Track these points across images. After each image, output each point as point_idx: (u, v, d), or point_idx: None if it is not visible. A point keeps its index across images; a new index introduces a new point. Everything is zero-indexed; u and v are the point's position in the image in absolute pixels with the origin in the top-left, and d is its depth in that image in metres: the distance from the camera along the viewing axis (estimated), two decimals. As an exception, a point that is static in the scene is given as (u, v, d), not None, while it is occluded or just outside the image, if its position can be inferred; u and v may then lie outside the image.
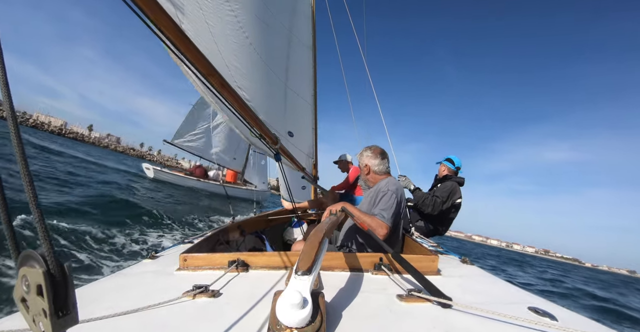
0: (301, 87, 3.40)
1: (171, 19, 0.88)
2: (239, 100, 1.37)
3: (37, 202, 0.39)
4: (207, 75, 1.13)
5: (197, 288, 0.93)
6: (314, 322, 0.66)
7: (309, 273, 0.73)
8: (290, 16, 2.98)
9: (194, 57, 1.03)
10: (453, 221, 3.38)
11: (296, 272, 0.74)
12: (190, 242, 1.75)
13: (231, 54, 2.14)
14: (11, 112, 0.40)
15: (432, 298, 0.87)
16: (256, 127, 1.70)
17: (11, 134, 0.40)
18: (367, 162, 1.91)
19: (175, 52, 0.99)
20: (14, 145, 0.39)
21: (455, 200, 3.22)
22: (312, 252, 0.82)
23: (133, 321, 0.75)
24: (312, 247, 0.85)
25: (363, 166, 1.93)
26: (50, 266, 0.38)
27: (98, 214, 5.50)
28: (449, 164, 3.44)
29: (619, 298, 10.07)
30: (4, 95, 0.40)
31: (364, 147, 2.00)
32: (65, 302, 0.39)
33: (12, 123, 0.40)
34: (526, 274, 14.51)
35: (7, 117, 0.40)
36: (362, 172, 1.96)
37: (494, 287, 1.14)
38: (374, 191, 1.81)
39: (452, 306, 0.84)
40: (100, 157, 24.32)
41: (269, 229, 2.95)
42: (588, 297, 9.12)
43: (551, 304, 0.96)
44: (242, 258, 1.21)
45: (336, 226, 1.49)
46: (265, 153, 2.73)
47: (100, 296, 0.97)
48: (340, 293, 0.94)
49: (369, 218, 1.61)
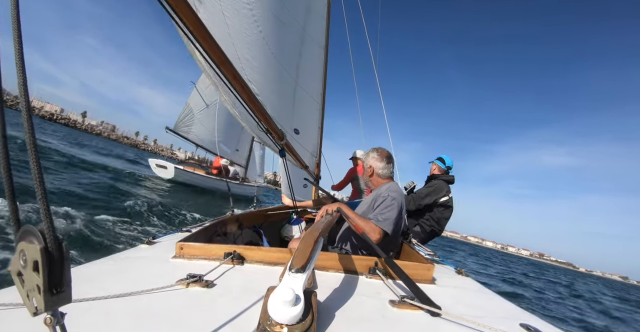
0: (310, 85, 3.40)
1: (190, 7, 0.89)
2: (248, 93, 1.37)
3: (41, 179, 0.39)
4: (220, 65, 1.14)
5: (191, 277, 0.93)
6: (305, 321, 0.65)
7: (302, 271, 0.73)
8: (304, 14, 2.98)
9: (209, 46, 1.03)
10: (447, 220, 3.36)
11: (290, 269, 0.74)
12: (187, 231, 1.76)
13: (244, 46, 2.15)
14: (25, 93, 0.40)
15: (424, 306, 0.86)
16: (263, 121, 1.70)
17: (22, 112, 0.40)
18: (372, 164, 1.88)
19: (192, 40, 0.99)
20: (24, 120, 0.39)
21: (439, 198, 3.22)
22: (307, 250, 0.82)
23: (125, 304, 0.76)
24: (307, 246, 0.85)
25: (367, 167, 1.90)
26: (48, 242, 0.38)
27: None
28: (440, 163, 3.49)
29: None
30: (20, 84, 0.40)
31: (371, 148, 1.98)
32: (60, 280, 0.39)
33: (24, 103, 0.40)
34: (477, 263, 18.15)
35: (19, 94, 0.40)
36: (365, 173, 1.94)
37: (488, 301, 1.13)
38: (374, 194, 1.80)
39: (442, 315, 0.84)
40: (89, 147, 20.02)
41: (267, 224, 2.95)
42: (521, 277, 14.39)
43: (543, 323, 0.95)
44: (238, 251, 1.21)
45: (331, 226, 1.49)
46: (270, 148, 2.73)
47: (95, 277, 0.97)
48: (334, 294, 0.94)
49: (363, 221, 1.59)
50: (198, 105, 12.70)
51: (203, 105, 12.62)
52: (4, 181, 0.40)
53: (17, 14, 0.40)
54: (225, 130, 13.42)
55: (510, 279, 12.54)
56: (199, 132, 13.17)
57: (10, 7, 0.40)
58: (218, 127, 12.69)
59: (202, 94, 12.51)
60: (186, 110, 12.79)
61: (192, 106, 12.69)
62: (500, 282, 10.63)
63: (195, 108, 12.73)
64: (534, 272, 22.71)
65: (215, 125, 12.68)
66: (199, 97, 12.57)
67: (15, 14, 0.39)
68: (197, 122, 12.87)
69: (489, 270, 14.94)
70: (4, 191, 0.40)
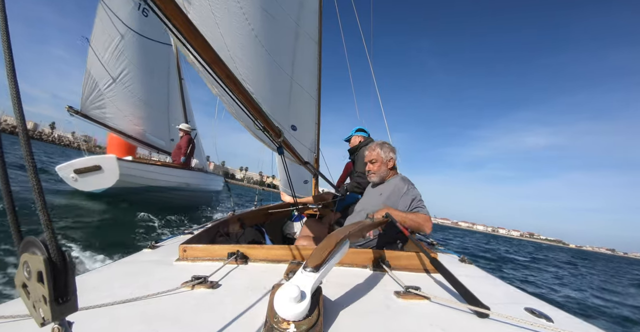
0: (306, 80, 3.38)
1: (178, 7, 0.88)
2: (243, 92, 1.36)
3: (40, 188, 0.39)
4: (212, 64, 1.13)
5: (196, 279, 0.94)
6: (311, 316, 0.66)
7: (315, 271, 0.73)
8: (298, 9, 2.95)
9: (199, 45, 1.02)
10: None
11: (304, 267, 0.74)
12: (190, 233, 1.76)
13: (236, 46, 2.13)
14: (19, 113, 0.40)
15: (472, 307, 0.83)
16: (260, 120, 1.69)
17: (17, 122, 0.39)
18: (393, 156, 1.92)
19: (182, 40, 0.99)
20: (19, 133, 0.39)
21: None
22: (326, 251, 0.81)
23: (132, 309, 0.76)
24: (327, 246, 0.84)
25: (388, 159, 1.91)
26: (51, 253, 0.38)
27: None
28: (363, 134, 3.26)
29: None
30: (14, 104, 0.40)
31: (379, 141, 1.98)
32: (65, 290, 0.39)
33: (18, 116, 0.39)
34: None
35: (14, 111, 0.40)
36: (384, 164, 1.91)
37: (492, 287, 1.15)
38: (392, 185, 1.78)
39: (490, 315, 0.80)
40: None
41: (268, 223, 2.96)
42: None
43: (548, 306, 0.97)
44: (241, 250, 1.21)
45: (367, 232, 1.42)
46: (268, 146, 2.73)
47: (100, 284, 0.97)
48: (339, 288, 0.94)
49: (414, 215, 1.56)
50: (101, 77, 7.62)
51: (108, 78, 7.65)
52: (2, 193, 0.40)
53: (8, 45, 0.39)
54: (150, 117, 8.69)
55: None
56: (115, 116, 8.10)
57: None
58: (137, 114, 8.32)
59: (103, 60, 7.47)
60: (89, 83, 7.62)
61: (95, 77, 7.61)
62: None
63: (100, 81, 7.65)
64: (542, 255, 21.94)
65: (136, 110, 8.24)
66: (100, 66, 7.49)
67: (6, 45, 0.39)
68: (109, 104, 7.90)
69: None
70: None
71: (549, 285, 7.20)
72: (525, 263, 11.93)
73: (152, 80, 8.46)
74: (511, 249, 20.74)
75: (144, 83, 8.26)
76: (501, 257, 12.45)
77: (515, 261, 11.92)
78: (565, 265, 14.67)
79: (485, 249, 16.38)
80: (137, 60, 8.03)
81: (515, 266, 10.37)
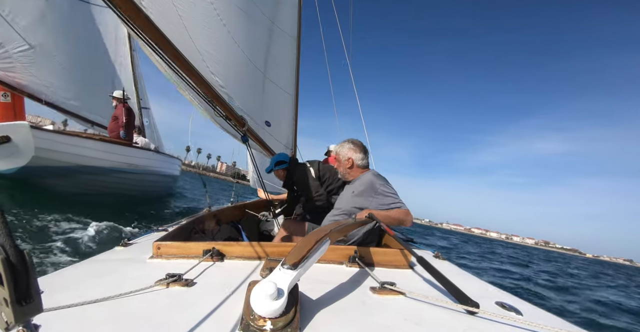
0: (282, 78, 3.35)
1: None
2: (195, 74, 1.29)
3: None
4: (158, 43, 1.08)
5: (170, 277, 0.92)
6: (288, 313, 0.66)
7: (294, 268, 0.73)
8: (273, 6, 2.91)
9: (142, 23, 0.98)
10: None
11: (282, 264, 0.74)
12: (164, 230, 1.71)
13: (204, 39, 2.08)
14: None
15: (461, 306, 0.82)
16: (220, 107, 1.61)
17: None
18: (351, 155, 1.83)
19: (119, 15, 0.94)
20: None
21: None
22: (305, 249, 0.81)
23: (103, 309, 0.74)
24: (307, 244, 0.84)
25: (345, 159, 1.84)
26: (9, 253, 0.37)
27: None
28: (283, 166, 2.62)
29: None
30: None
31: (345, 140, 1.93)
32: (27, 291, 0.38)
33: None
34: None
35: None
36: (342, 165, 1.87)
37: (464, 282, 1.16)
38: (363, 184, 1.74)
39: (478, 313, 0.81)
40: None
41: (245, 219, 2.93)
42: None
43: (518, 300, 1.02)
44: (217, 247, 1.20)
45: (348, 232, 1.43)
46: (233, 136, 2.63)
47: (69, 283, 0.93)
48: (316, 285, 0.95)
49: (394, 212, 1.57)
50: (9, 38, 5.74)
51: (22, 43, 5.90)
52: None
53: None
54: (85, 88, 7.08)
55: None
56: (30, 84, 6.21)
57: None
58: (60, 84, 6.57)
59: (13, 23, 5.63)
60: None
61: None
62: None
63: (5, 41, 5.74)
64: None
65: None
66: (8, 27, 5.60)
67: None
68: (21, 69, 6.02)
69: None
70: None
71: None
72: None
73: (88, 51, 7.01)
74: (564, 268, 15.65)
75: (74, 54, 6.71)
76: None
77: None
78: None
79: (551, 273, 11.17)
80: (65, 27, 6.39)
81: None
